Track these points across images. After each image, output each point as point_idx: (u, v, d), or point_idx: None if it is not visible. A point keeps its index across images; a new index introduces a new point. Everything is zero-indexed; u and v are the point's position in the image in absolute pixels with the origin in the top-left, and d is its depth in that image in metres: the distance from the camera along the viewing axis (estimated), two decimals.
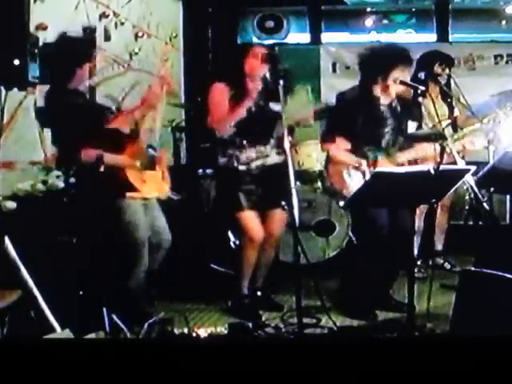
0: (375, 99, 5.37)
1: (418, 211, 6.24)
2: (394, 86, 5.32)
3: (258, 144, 5.31)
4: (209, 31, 8.88)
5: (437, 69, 6.37)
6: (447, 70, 6.40)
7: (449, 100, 6.47)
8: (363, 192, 4.37)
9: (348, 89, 5.55)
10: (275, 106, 5.24)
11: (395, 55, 5.34)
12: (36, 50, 4.54)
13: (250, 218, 5.33)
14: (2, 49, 4.36)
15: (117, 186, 4.82)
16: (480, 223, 6.45)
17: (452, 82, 6.56)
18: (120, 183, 4.82)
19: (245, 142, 5.28)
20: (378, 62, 5.31)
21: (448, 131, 6.24)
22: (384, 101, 5.40)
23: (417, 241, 6.33)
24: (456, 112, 6.49)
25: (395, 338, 4.45)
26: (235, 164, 5.30)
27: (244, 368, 2.56)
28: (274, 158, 5.36)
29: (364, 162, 5.26)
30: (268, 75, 5.17)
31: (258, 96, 5.20)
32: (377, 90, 5.36)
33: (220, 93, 5.28)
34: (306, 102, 6.40)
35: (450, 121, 6.42)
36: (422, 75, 6.39)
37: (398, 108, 5.47)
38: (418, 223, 6.40)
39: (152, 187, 5.06)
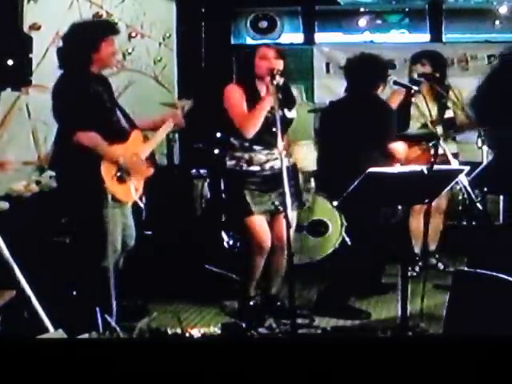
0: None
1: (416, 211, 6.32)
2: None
3: (268, 148, 5.16)
4: (202, 31, 8.88)
5: (421, 68, 6.35)
6: (431, 69, 6.35)
7: (443, 100, 6.44)
8: (357, 192, 4.36)
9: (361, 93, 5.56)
10: (289, 114, 5.22)
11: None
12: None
13: (259, 224, 5.20)
14: None
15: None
16: (473, 223, 6.48)
17: (448, 82, 6.55)
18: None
19: (255, 146, 5.16)
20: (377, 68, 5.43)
21: (440, 131, 6.26)
22: None
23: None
24: (449, 112, 6.46)
25: (388, 338, 4.45)
26: (244, 167, 5.18)
27: (237, 368, 2.56)
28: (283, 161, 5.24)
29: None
30: (280, 78, 4.97)
31: (273, 101, 4.89)
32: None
33: (236, 94, 5.14)
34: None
35: (440, 119, 6.40)
36: (405, 75, 6.45)
37: None
38: (416, 223, 6.41)
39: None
